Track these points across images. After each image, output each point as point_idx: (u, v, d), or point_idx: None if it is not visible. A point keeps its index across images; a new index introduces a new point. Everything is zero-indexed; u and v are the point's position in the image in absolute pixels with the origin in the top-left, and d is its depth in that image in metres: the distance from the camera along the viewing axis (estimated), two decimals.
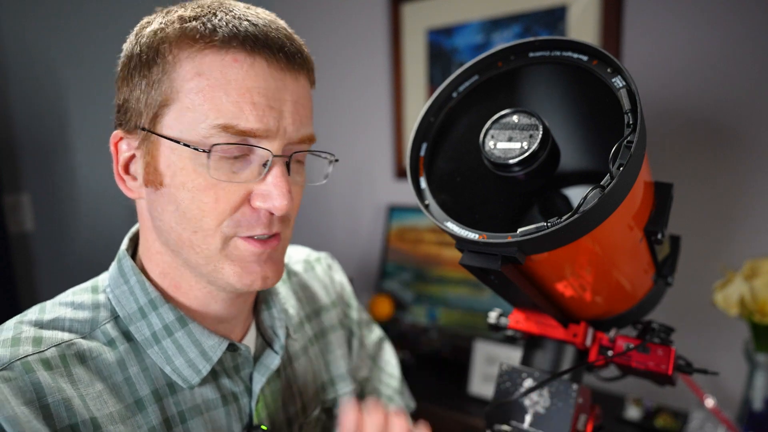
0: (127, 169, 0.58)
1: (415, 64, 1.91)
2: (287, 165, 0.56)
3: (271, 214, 0.56)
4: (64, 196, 1.73)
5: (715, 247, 1.45)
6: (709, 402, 1.33)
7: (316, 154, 0.62)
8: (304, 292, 0.80)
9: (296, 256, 0.85)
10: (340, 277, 0.87)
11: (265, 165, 0.54)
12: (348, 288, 0.88)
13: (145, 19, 0.58)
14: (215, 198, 0.53)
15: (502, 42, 1.70)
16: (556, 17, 1.59)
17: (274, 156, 0.54)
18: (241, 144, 0.53)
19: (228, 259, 0.56)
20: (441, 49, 1.84)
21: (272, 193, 0.54)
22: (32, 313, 0.57)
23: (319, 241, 2.30)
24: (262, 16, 0.55)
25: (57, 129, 1.70)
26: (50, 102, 1.67)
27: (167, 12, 0.56)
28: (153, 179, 0.55)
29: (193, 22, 0.52)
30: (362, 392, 0.84)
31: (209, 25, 0.52)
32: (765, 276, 1.22)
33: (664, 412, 1.45)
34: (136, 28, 0.57)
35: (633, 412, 1.45)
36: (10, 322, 0.56)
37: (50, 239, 1.71)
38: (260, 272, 0.57)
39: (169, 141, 0.53)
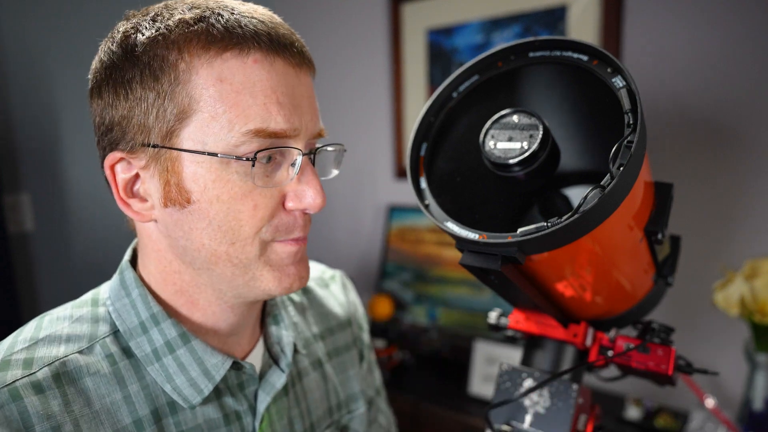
0: (130, 191, 0.54)
1: (415, 64, 1.91)
2: (312, 162, 0.56)
3: (305, 213, 0.55)
4: (64, 196, 1.73)
5: (715, 247, 1.45)
6: (709, 402, 1.33)
7: (327, 148, 0.60)
8: (316, 309, 0.78)
9: (311, 272, 0.83)
10: (354, 298, 0.85)
11: (292, 165, 0.53)
12: (361, 309, 0.85)
13: (124, 26, 0.52)
14: (253, 205, 0.52)
15: (502, 42, 1.70)
16: (556, 17, 1.59)
17: (304, 154, 0.53)
18: (277, 147, 0.51)
19: (267, 265, 0.55)
20: (441, 49, 1.84)
21: (307, 192, 0.54)
22: (28, 329, 0.55)
23: (319, 241, 2.30)
24: (262, 12, 0.54)
25: (57, 129, 1.70)
26: (50, 102, 1.67)
27: (155, 15, 0.51)
28: (177, 198, 0.51)
29: (201, 24, 0.49)
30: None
31: (219, 27, 0.49)
32: (765, 276, 1.22)
33: (664, 412, 1.45)
34: (117, 37, 0.52)
35: (633, 412, 1.45)
36: (5, 342, 0.54)
37: (50, 239, 1.71)
38: (297, 274, 0.57)
39: (191, 154, 0.50)
